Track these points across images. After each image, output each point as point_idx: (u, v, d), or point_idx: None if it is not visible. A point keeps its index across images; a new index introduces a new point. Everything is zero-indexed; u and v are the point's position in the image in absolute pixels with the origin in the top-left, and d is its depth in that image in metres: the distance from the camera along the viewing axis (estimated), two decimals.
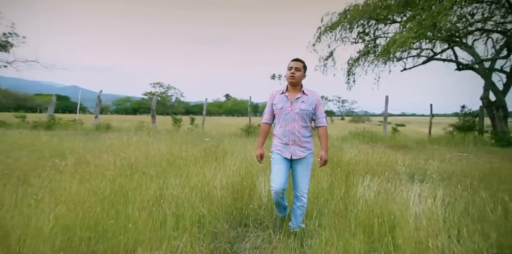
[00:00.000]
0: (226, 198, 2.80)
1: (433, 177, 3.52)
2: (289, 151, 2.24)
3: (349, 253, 1.80)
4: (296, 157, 2.24)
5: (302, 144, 2.25)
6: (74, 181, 2.94)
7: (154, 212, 2.29)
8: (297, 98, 2.25)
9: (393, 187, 3.22)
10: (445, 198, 2.70)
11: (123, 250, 1.80)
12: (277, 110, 2.29)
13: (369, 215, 2.34)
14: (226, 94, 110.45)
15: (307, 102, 2.25)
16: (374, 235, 2.07)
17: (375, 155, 5.19)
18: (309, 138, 2.30)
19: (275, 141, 2.32)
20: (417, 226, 2.16)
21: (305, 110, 2.23)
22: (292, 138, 2.24)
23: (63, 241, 1.80)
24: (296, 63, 2.25)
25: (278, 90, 2.36)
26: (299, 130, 2.24)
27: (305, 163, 2.27)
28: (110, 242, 1.86)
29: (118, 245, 1.82)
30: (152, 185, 3.02)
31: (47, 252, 1.70)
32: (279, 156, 2.27)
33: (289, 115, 2.24)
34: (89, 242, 1.86)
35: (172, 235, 1.99)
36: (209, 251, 2.01)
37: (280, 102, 2.28)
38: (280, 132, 2.28)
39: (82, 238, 1.86)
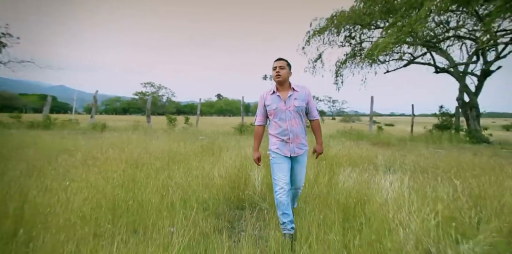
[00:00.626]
0: (224, 186, 3.21)
1: (405, 168, 4.03)
2: (288, 149, 2.27)
3: (327, 223, 2.24)
4: (295, 154, 2.28)
5: (300, 141, 2.29)
6: (90, 172, 3.30)
7: (165, 196, 2.69)
8: (289, 96, 2.27)
9: (370, 176, 3.70)
10: (410, 183, 3.20)
11: (143, 224, 2.19)
12: (271, 110, 2.30)
13: (347, 196, 2.80)
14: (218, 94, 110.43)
15: (300, 98, 2.28)
16: (350, 210, 2.53)
17: (358, 150, 5.70)
18: (305, 134, 2.36)
19: (273, 140, 2.32)
20: (384, 203, 2.64)
21: (300, 106, 2.27)
22: (291, 135, 2.26)
23: (91, 215, 2.18)
24: (279, 62, 2.30)
25: (268, 91, 2.37)
26: (297, 127, 2.27)
27: (302, 161, 2.33)
28: (131, 218, 2.25)
29: (138, 220, 2.22)
30: (158, 175, 3.40)
31: (78, 221, 2.07)
32: (279, 155, 2.28)
33: (286, 114, 2.26)
34: (113, 216, 2.24)
35: (183, 212, 2.40)
36: (212, 227, 2.42)
37: (274, 102, 2.29)
38: (278, 131, 2.29)
39: (106, 214, 2.25)
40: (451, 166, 4.46)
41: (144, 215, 2.29)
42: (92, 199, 2.46)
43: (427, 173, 3.87)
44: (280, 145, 2.28)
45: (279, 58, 2.33)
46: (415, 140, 8.72)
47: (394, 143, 8.17)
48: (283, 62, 2.30)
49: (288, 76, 2.32)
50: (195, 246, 1.84)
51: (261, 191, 3.26)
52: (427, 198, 2.83)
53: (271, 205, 2.85)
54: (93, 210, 2.24)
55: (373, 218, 2.38)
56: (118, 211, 2.31)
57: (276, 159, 2.28)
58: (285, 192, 2.17)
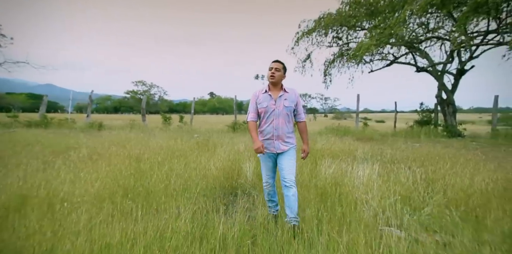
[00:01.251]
0: (219, 176, 3.67)
1: (378, 159, 4.57)
2: (273, 146, 2.39)
3: (305, 201, 2.74)
4: (280, 150, 2.39)
5: (285, 139, 2.40)
6: (99, 166, 3.72)
7: (168, 185, 3.14)
8: (280, 96, 2.39)
9: (347, 166, 4.22)
10: (379, 171, 3.73)
11: (154, 205, 2.64)
12: (262, 109, 2.41)
13: (324, 182, 3.31)
14: (210, 92, 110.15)
15: (289, 99, 2.40)
16: (326, 193, 3.03)
17: (341, 145, 6.24)
18: (292, 134, 2.46)
19: (260, 138, 2.44)
20: (354, 186, 3.15)
21: (288, 107, 2.39)
22: (276, 133, 2.37)
23: (110, 198, 2.62)
24: (276, 64, 2.41)
25: (261, 90, 2.48)
26: (282, 126, 2.38)
27: (288, 154, 2.41)
28: (141, 201, 2.70)
29: (150, 203, 2.67)
30: (161, 168, 3.84)
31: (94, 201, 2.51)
32: (265, 156, 2.43)
33: (274, 113, 2.37)
34: (127, 199, 2.68)
35: (185, 197, 2.86)
36: (210, 209, 2.88)
37: (265, 101, 2.40)
38: (264, 128, 2.42)
39: (122, 198, 2.69)
40: (420, 157, 5.04)
41: (153, 199, 2.74)
42: (106, 186, 2.90)
43: (397, 163, 4.43)
44: (265, 144, 2.41)
45: (277, 61, 2.44)
46: (396, 135, 9.35)
47: (377, 138, 8.77)
48: (280, 65, 2.42)
49: (282, 79, 2.44)
50: (198, 218, 2.30)
51: (251, 180, 3.74)
52: (390, 182, 3.37)
53: (260, 192, 3.32)
54: (111, 194, 2.69)
55: (343, 198, 2.89)
56: (130, 196, 2.75)
57: (262, 157, 2.45)
58: (269, 185, 2.48)
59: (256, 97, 2.46)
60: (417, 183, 3.28)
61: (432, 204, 2.63)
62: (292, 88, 2.49)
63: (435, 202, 2.66)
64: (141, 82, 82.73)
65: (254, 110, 2.47)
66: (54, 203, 2.35)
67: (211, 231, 2.04)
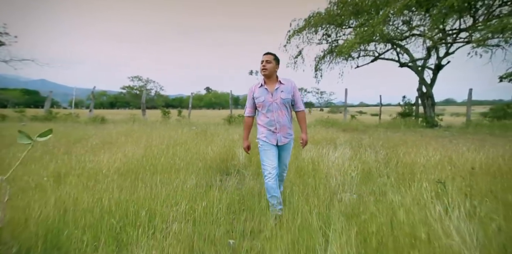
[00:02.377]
0: (216, 159, 4.36)
1: (353, 144, 5.30)
2: (275, 138, 2.43)
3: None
4: (281, 143, 2.44)
5: (287, 131, 2.45)
6: (112, 152, 4.39)
7: (173, 165, 3.83)
8: (276, 88, 2.39)
9: (325, 151, 4.94)
10: (350, 154, 4.46)
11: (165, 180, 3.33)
12: (260, 103, 2.43)
13: (303, 163, 4.02)
14: (207, 87, 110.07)
15: (286, 90, 2.40)
16: (305, 172, 3.74)
17: (324, 134, 6.97)
18: (291, 124, 2.52)
19: (262, 129, 2.48)
20: (327, 166, 3.87)
21: (286, 98, 2.40)
22: (278, 126, 2.41)
23: (129, 171, 3.31)
24: (267, 56, 2.39)
25: (257, 84, 2.49)
26: (283, 118, 2.41)
27: (288, 148, 2.54)
28: (154, 177, 3.39)
29: (162, 178, 3.36)
30: (166, 153, 4.53)
31: (114, 176, 3.19)
32: (266, 143, 2.44)
33: (273, 106, 2.39)
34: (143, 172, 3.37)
35: (188, 173, 3.55)
36: (208, 184, 3.58)
37: (261, 95, 2.41)
38: (266, 121, 2.43)
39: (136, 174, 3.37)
40: (390, 143, 5.79)
41: (161, 175, 3.43)
42: (124, 165, 3.59)
43: (368, 147, 5.17)
44: (267, 134, 2.43)
45: (267, 53, 2.42)
46: (379, 126, 10.11)
47: (361, 128, 9.53)
48: (270, 57, 2.39)
49: (275, 70, 2.41)
50: (200, 186, 3.01)
51: (243, 162, 4.44)
52: (356, 161, 4.10)
53: (249, 171, 4.00)
54: (129, 170, 3.39)
55: (316, 174, 3.61)
56: (143, 172, 3.45)
57: (264, 146, 2.44)
58: (273, 176, 2.34)
59: (253, 92, 2.47)
60: (377, 162, 4.02)
61: (384, 176, 3.37)
62: (288, 79, 2.48)
63: (386, 174, 3.40)
64: (137, 77, 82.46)
65: (250, 106, 2.51)
66: (91, 175, 3.04)
67: (209, 192, 2.75)
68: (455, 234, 1.62)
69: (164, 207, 2.35)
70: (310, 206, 2.37)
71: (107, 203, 2.27)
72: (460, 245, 1.54)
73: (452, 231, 1.64)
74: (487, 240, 1.59)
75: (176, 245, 1.78)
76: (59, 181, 2.90)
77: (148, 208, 2.27)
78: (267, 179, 2.35)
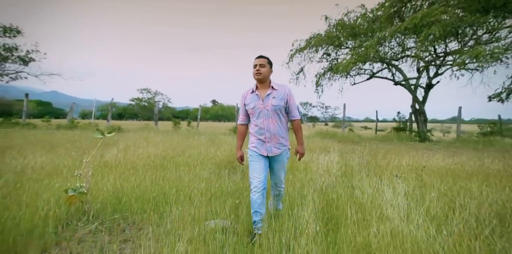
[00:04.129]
0: (223, 160, 5.20)
1: (343, 151, 6.10)
2: (265, 148, 2.24)
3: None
4: (272, 154, 2.24)
5: (278, 141, 2.25)
6: (138, 152, 5.28)
7: (190, 163, 4.69)
8: (267, 95, 2.25)
9: (317, 156, 5.75)
10: (337, 159, 5.27)
11: (184, 169, 4.17)
12: (250, 109, 2.29)
13: (299, 166, 4.83)
14: (213, 100, 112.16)
15: (278, 97, 2.24)
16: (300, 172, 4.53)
17: (320, 143, 7.78)
18: (285, 134, 2.31)
19: (252, 138, 2.32)
20: (317, 167, 4.67)
21: (277, 105, 2.22)
22: (268, 135, 2.23)
23: (156, 164, 4.17)
24: (260, 60, 2.27)
25: (249, 90, 2.36)
26: (274, 127, 2.23)
27: (281, 160, 2.30)
28: (177, 168, 4.24)
29: (183, 170, 4.21)
30: (182, 154, 5.40)
31: (147, 167, 4.05)
32: (256, 153, 2.26)
33: (263, 113, 2.23)
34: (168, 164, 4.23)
35: (201, 168, 4.39)
36: (218, 176, 4.40)
37: (252, 101, 2.28)
38: (256, 130, 2.28)
39: (163, 167, 4.23)
40: (377, 152, 6.57)
41: (182, 168, 4.29)
42: (152, 162, 4.46)
43: (355, 155, 5.96)
44: (257, 144, 2.27)
45: (260, 56, 2.31)
46: (374, 139, 10.86)
47: (357, 140, 10.29)
48: (264, 60, 2.28)
49: (269, 75, 2.30)
50: (212, 175, 3.85)
51: (247, 164, 5.26)
52: (341, 164, 4.90)
53: None
54: (156, 165, 4.26)
55: (308, 173, 4.42)
56: (168, 166, 4.32)
57: (252, 157, 2.28)
58: (259, 191, 2.14)
59: (244, 98, 2.36)
60: (359, 165, 4.81)
61: (361, 174, 4.15)
62: (282, 84, 2.34)
63: (363, 173, 4.19)
64: (146, 89, 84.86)
65: (243, 112, 2.40)
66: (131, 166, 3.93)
67: (220, 179, 3.58)
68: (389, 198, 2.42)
69: (187, 187, 3.19)
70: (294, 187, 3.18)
71: (147, 184, 3.12)
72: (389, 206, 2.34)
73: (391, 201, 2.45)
74: (414, 206, 2.39)
75: (198, 208, 2.60)
76: (111, 168, 3.79)
77: (176, 188, 3.11)
78: (252, 192, 2.16)
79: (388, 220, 2.03)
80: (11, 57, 14.19)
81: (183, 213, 2.44)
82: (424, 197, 2.59)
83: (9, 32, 13.65)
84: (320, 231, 1.95)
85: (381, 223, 1.94)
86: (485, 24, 9.37)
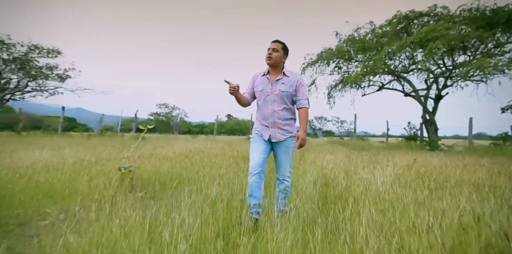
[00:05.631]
0: (240, 157, 5.86)
1: (349, 153, 6.59)
2: (268, 133, 2.21)
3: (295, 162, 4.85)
4: (276, 139, 2.19)
5: (282, 127, 2.20)
6: (169, 149, 6.04)
7: (211, 154, 5.38)
8: (277, 79, 2.21)
9: (324, 155, 6.28)
10: (342, 157, 5.79)
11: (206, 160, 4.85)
12: (257, 92, 2.27)
13: (306, 161, 5.39)
14: (228, 114, 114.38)
15: (288, 83, 2.20)
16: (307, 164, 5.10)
17: (329, 147, 8.29)
18: (290, 121, 2.26)
19: (256, 123, 2.32)
20: (323, 162, 5.22)
21: (285, 91, 2.19)
22: (272, 120, 2.20)
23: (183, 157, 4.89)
24: (274, 44, 2.21)
25: (261, 72, 2.32)
26: (278, 112, 2.20)
27: (286, 146, 2.21)
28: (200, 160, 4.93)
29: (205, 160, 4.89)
30: (203, 152, 6.11)
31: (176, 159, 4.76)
32: (257, 135, 2.25)
33: (269, 97, 2.21)
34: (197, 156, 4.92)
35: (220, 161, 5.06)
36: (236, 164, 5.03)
37: (261, 84, 2.25)
38: (260, 114, 2.27)
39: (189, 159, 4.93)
40: (380, 153, 7.00)
41: (204, 160, 4.97)
42: (179, 154, 5.19)
43: (359, 154, 6.44)
44: (261, 129, 2.25)
45: (275, 40, 2.25)
46: (385, 147, 11.16)
47: (367, 148, 10.65)
48: (278, 45, 2.22)
49: (281, 60, 2.24)
50: (230, 167, 4.50)
51: None
52: (345, 160, 5.42)
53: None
54: (182, 157, 4.99)
55: (313, 164, 4.99)
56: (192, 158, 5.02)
57: (254, 139, 2.25)
58: (255, 173, 2.08)
59: (254, 79, 2.33)
60: (362, 161, 5.31)
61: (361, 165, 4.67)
62: (294, 72, 2.30)
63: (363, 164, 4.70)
64: (164, 104, 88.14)
65: (248, 91, 2.33)
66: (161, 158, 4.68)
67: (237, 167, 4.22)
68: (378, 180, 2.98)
69: (210, 171, 3.86)
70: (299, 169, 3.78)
71: (177, 169, 3.82)
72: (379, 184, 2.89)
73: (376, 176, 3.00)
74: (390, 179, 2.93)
75: (222, 189, 3.24)
76: (147, 158, 4.55)
77: (202, 172, 3.78)
78: (249, 175, 2.09)
79: (368, 182, 2.59)
80: (51, 75, 16.01)
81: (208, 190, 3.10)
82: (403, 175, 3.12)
83: (51, 53, 15.54)
84: (315, 190, 2.54)
85: (362, 185, 2.51)
86: (488, 38, 9.82)
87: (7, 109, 19.97)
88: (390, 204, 2.00)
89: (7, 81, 15.34)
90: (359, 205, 2.07)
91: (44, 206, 2.31)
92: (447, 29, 9.68)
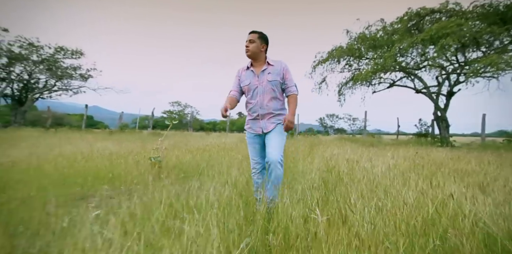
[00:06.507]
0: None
1: (356, 147, 6.93)
2: (259, 126, 2.21)
3: (301, 151, 5.27)
4: (267, 130, 2.20)
5: (273, 117, 2.21)
6: (188, 143, 6.59)
7: (227, 147, 5.86)
8: (263, 70, 2.19)
9: (333, 149, 6.63)
10: (349, 150, 6.14)
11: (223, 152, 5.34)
12: (245, 87, 2.24)
13: (316, 154, 5.78)
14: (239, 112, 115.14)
15: (274, 72, 2.19)
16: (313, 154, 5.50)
17: (338, 143, 8.61)
18: (281, 111, 2.25)
19: (247, 119, 2.31)
20: (331, 153, 5.60)
21: (273, 81, 2.17)
22: (262, 112, 2.19)
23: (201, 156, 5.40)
24: (250, 35, 2.18)
25: (244, 67, 2.30)
26: (268, 104, 2.18)
27: (275, 131, 2.18)
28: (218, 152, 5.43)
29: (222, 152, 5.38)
30: (218, 148, 6.61)
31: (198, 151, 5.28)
32: (251, 134, 2.28)
33: (258, 89, 2.19)
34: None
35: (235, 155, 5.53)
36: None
37: (247, 78, 2.23)
38: (249, 107, 2.26)
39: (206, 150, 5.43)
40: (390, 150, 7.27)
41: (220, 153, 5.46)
42: (197, 152, 5.71)
43: (365, 148, 6.76)
44: (251, 124, 2.26)
45: (251, 31, 2.20)
46: (395, 144, 11.33)
47: (377, 144, 10.86)
48: (254, 35, 2.19)
49: (259, 50, 2.20)
50: (245, 157, 4.97)
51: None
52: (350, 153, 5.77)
53: None
54: (201, 150, 5.50)
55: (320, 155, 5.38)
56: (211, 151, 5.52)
57: (249, 139, 2.30)
58: (257, 172, 2.27)
59: (240, 75, 2.31)
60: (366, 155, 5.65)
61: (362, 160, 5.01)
62: (278, 60, 2.27)
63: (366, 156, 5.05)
64: (177, 102, 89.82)
65: (235, 88, 2.30)
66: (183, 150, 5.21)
67: None
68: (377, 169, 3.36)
69: (229, 161, 4.33)
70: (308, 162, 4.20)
71: (199, 159, 4.32)
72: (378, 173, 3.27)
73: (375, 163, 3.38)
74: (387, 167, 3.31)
75: (241, 174, 3.70)
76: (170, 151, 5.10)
77: (220, 161, 4.26)
78: (252, 174, 2.29)
79: (365, 170, 2.99)
80: (75, 75, 17.06)
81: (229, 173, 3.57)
82: (400, 165, 3.48)
83: (75, 54, 16.53)
84: (319, 172, 2.96)
85: (360, 172, 2.90)
86: (501, 34, 9.78)
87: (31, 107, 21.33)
88: (378, 184, 2.39)
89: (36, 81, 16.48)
90: (354, 184, 2.47)
91: (95, 186, 2.85)
92: (459, 25, 9.71)
